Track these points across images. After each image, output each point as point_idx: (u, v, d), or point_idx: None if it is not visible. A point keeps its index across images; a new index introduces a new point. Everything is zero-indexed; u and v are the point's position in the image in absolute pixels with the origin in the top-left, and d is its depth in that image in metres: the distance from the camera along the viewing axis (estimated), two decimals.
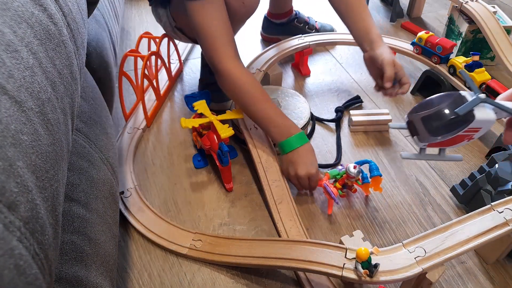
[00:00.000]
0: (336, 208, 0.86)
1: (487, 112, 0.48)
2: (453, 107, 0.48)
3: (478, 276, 0.75)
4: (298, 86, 1.21)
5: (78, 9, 0.53)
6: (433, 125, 0.49)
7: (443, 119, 0.48)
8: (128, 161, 0.93)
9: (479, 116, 0.47)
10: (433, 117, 0.49)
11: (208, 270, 0.76)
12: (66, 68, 0.43)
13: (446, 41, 1.07)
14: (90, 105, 0.63)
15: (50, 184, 0.35)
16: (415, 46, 1.14)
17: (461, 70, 0.61)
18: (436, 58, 1.09)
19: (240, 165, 0.96)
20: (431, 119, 0.49)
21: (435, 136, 0.50)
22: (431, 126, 0.49)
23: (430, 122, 0.50)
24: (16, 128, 0.31)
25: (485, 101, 0.47)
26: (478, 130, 0.49)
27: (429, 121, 0.50)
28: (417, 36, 1.12)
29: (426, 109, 0.50)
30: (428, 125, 0.50)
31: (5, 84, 0.31)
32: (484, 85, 0.97)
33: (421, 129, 0.51)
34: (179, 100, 1.15)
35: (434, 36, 1.10)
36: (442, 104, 0.49)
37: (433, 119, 0.49)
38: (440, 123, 0.48)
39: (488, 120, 0.48)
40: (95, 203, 0.56)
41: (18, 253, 0.28)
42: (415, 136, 0.52)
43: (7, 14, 0.36)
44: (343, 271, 0.63)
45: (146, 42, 1.19)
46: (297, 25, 1.31)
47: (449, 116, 0.48)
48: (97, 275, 0.51)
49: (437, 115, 0.49)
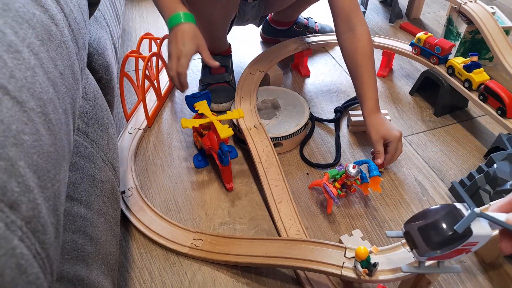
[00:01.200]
0: (335, 207, 0.87)
1: (483, 226, 0.48)
2: (449, 221, 0.49)
3: (476, 275, 0.75)
4: (298, 87, 1.21)
5: (80, 10, 0.53)
6: (432, 239, 0.50)
7: (442, 235, 0.49)
8: (129, 161, 0.94)
9: (476, 232, 0.47)
10: (430, 231, 0.51)
11: (208, 269, 0.76)
12: (67, 68, 0.44)
13: (445, 42, 1.07)
14: (92, 105, 0.64)
15: (52, 183, 0.35)
16: (413, 47, 1.14)
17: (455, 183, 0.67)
18: (435, 59, 1.09)
19: (240, 165, 0.97)
20: (429, 232, 0.51)
21: (434, 250, 0.50)
22: (429, 240, 0.51)
23: (428, 236, 0.51)
24: (18, 128, 0.31)
25: (481, 216, 0.48)
26: (476, 244, 0.50)
27: (427, 234, 0.51)
28: (416, 37, 1.12)
29: (423, 221, 0.52)
30: (427, 239, 0.51)
31: (6, 84, 0.32)
32: (482, 85, 0.97)
33: (419, 242, 0.52)
34: (179, 101, 1.15)
35: (432, 37, 1.10)
36: (438, 219, 0.50)
37: (431, 233, 0.50)
38: (439, 238, 0.50)
39: (485, 235, 0.49)
40: (97, 202, 0.56)
41: (20, 253, 0.28)
42: (414, 249, 0.53)
43: (8, 15, 0.36)
44: (342, 270, 0.64)
45: (147, 43, 1.19)
46: (297, 30, 1.32)
47: (447, 231, 0.49)
48: (99, 274, 0.52)
49: (435, 229, 0.50)
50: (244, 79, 1.07)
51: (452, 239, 0.49)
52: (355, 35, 0.94)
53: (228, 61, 1.15)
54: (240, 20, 1.13)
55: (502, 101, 0.92)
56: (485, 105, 0.96)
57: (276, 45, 1.19)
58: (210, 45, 1.12)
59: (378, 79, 1.23)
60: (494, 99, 0.94)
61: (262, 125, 0.94)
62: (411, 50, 1.15)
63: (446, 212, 0.50)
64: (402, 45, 1.18)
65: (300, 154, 0.99)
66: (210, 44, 1.11)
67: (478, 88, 0.99)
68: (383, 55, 1.22)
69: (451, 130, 1.05)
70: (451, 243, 0.49)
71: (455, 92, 1.04)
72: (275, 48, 1.18)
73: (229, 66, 1.15)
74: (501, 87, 0.93)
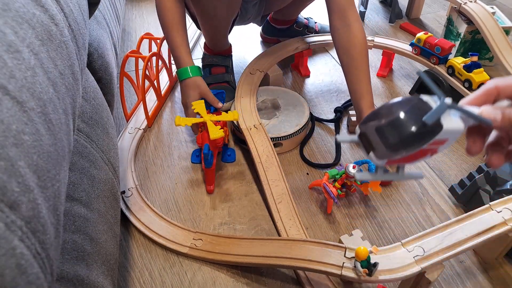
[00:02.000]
0: (335, 207, 0.87)
1: (455, 120, 0.40)
2: (415, 115, 0.39)
3: (476, 275, 0.75)
4: (298, 87, 1.21)
5: (80, 10, 0.53)
6: (392, 139, 0.40)
7: (405, 131, 0.39)
8: (129, 161, 0.94)
9: (447, 126, 0.39)
10: (391, 128, 0.40)
11: (208, 269, 0.76)
12: (67, 68, 0.44)
13: (445, 42, 1.07)
14: (92, 105, 0.64)
15: (52, 183, 0.35)
16: (413, 47, 1.14)
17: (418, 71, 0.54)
18: (435, 59, 1.09)
19: (240, 165, 0.97)
20: (390, 130, 0.40)
21: (395, 152, 0.40)
22: (389, 139, 0.40)
23: (388, 135, 0.40)
24: (18, 128, 0.31)
25: (452, 107, 0.39)
26: (444, 142, 0.41)
27: (387, 133, 0.40)
28: (416, 37, 1.12)
29: (382, 118, 0.41)
30: (386, 139, 0.40)
31: (6, 84, 0.32)
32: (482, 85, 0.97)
33: (377, 143, 0.41)
34: (179, 101, 1.15)
35: (432, 37, 1.10)
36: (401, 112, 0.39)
37: (392, 131, 0.40)
38: (401, 135, 0.39)
39: (457, 130, 0.40)
40: (97, 202, 0.56)
41: (20, 253, 0.28)
42: (371, 152, 0.43)
43: (8, 15, 0.36)
44: (342, 270, 0.64)
45: (147, 43, 1.19)
46: (297, 29, 1.32)
47: (411, 126, 0.39)
48: (99, 274, 0.52)
49: (397, 126, 0.39)
50: (244, 79, 1.07)
51: (418, 135, 0.39)
52: (351, 31, 0.94)
53: (228, 61, 1.15)
54: (241, 19, 1.13)
55: None
56: None
57: (276, 45, 1.19)
58: (212, 44, 1.12)
59: (378, 79, 1.23)
60: None
61: (262, 125, 0.94)
62: (411, 50, 1.15)
63: (410, 106, 0.40)
64: (402, 45, 1.18)
65: (300, 154, 0.99)
66: (212, 43, 1.12)
67: (478, 88, 0.99)
68: (383, 55, 1.22)
69: None
70: (416, 142, 0.39)
71: (455, 92, 1.04)
72: (275, 48, 1.18)
73: (229, 66, 1.15)
74: None
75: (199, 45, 1.39)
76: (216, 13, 0.97)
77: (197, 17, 1.02)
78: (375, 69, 1.26)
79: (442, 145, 0.41)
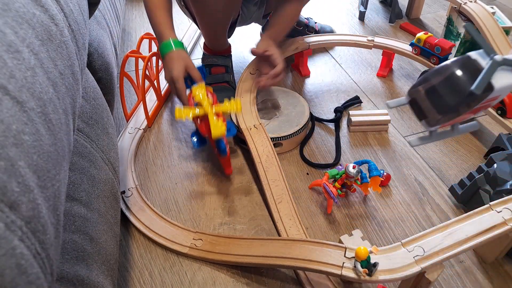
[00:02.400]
0: (335, 207, 0.87)
1: (507, 76, 0.38)
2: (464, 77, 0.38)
3: (476, 275, 0.75)
4: (298, 87, 1.21)
5: (79, 10, 0.53)
6: (443, 104, 0.39)
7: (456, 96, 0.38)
8: (129, 161, 0.94)
9: (498, 85, 0.37)
10: (442, 92, 0.39)
11: (208, 269, 0.76)
12: (67, 68, 0.44)
13: (445, 42, 1.07)
14: (92, 105, 0.64)
15: (52, 183, 0.35)
16: (413, 47, 1.14)
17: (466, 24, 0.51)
18: (435, 59, 1.09)
19: (240, 165, 0.97)
20: (440, 95, 0.39)
21: (446, 117, 0.40)
22: (440, 105, 0.40)
23: (439, 100, 0.40)
24: (18, 128, 0.31)
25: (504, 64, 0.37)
26: (496, 99, 0.40)
27: (438, 98, 0.40)
28: (416, 37, 1.13)
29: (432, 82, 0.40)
30: (438, 104, 0.40)
31: (6, 84, 0.32)
32: None
33: (428, 110, 0.41)
34: (179, 101, 1.15)
35: (433, 37, 1.10)
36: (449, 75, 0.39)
37: (442, 96, 0.39)
38: (453, 100, 0.39)
39: (509, 85, 0.38)
40: (97, 202, 0.56)
41: (20, 253, 0.28)
42: (423, 120, 0.43)
43: (8, 15, 0.36)
44: (342, 270, 0.64)
45: (147, 43, 1.19)
46: (296, 28, 1.32)
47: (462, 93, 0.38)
48: (98, 274, 0.52)
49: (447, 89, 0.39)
50: (244, 79, 1.07)
51: (468, 99, 0.38)
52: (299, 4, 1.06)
53: (228, 61, 1.15)
54: (243, 20, 1.13)
55: (503, 101, 0.92)
56: None
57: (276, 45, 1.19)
58: (211, 44, 1.12)
59: (378, 79, 1.23)
60: None
61: (262, 125, 0.94)
62: (411, 50, 1.15)
63: (459, 67, 0.39)
64: (402, 45, 1.18)
65: (300, 154, 0.99)
66: (210, 42, 1.12)
67: None
68: (383, 55, 1.22)
69: None
70: (468, 104, 0.39)
71: None
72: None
73: (229, 66, 1.15)
74: None
75: (199, 45, 1.39)
76: (214, 9, 0.97)
77: (195, 15, 1.02)
78: (375, 69, 1.26)
79: (495, 100, 0.40)
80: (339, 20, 1.52)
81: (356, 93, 1.17)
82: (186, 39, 1.39)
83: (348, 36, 1.23)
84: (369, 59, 1.31)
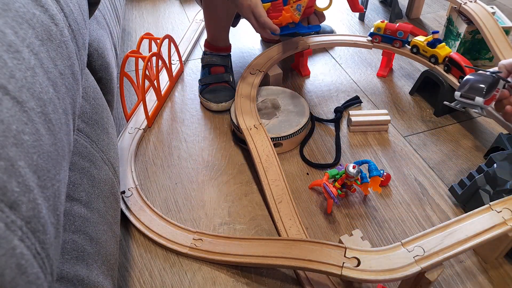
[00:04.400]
0: (335, 207, 0.87)
1: None
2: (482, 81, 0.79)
3: (476, 275, 0.75)
4: (298, 87, 1.21)
5: (80, 10, 0.53)
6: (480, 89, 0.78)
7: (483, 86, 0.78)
8: (129, 161, 0.94)
9: None
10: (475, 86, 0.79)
11: (208, 269, 0.76)
12: (67, 68, 0.44)
13: (405, 25, 1.12)
14: (91, 105, 0.64)
15: (52, 183, 0.35)
16: (373, 37, 1.17)
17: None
18: (398, 43, 1.14)
19: (240, 165, 0.97)
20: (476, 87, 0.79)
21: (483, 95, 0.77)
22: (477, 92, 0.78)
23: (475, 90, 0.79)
24: (18, 128, 0.31)
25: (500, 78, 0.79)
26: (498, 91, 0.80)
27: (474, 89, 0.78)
28: (375, 26, 1.15)
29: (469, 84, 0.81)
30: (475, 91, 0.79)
31: (6, 84, 0.32)
32: (447, 58, 1.05)
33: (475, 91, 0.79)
34: (179, 101, 1.16)
35: (390, 24, 1.14)
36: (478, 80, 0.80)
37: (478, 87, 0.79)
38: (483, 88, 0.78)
39: None
40: (97, 202, 0.57)
41: (20, 253, 0.28)
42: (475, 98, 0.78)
43: (8, 15, 0.36)
44: (342, 270, 0.64)
45: (147, 43, 1.20)
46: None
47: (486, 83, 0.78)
48: (98, 274, 0.52)
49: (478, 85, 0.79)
50: (244, 79, 1.07)
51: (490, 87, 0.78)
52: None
53: (227, 60, 1.16)
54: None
55: (463, 71, 1.00)
56: (448, 75, 1.05)
57: (276, 45, 1.19)
58: (213, 38, 1.13)
59: (378, 79, 1.23)
60: (456, 69, 1.03)
61: (262, 125, 0.94)
62: (370, 41, 1.18)
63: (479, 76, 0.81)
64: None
65: (300, 154, 0.99)
66: (212, 36, 1.13)
67: (443, 61, 1.07)
68: (383, 55, 1.22)
69: (451, 130, 1.05)
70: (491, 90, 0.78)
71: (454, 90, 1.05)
72: (275, 48, 1.18)
73: (228, 66, 1.16)
74: (463, 58, 1.02)
75: (199, 45, 1.39)
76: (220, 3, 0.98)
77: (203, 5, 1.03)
78: (375, 69, 1.26)
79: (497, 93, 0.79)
80: (339, 20, 1.52)
81: (356, 93, 1.17)
82: (186, 39, 1.39)
83: (348, 36, 1.23)
84: (369, 59, 1.31)
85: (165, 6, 1.63)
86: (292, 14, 0.86)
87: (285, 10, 0.86)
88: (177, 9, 1.60)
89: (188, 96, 1.17)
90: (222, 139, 1.04)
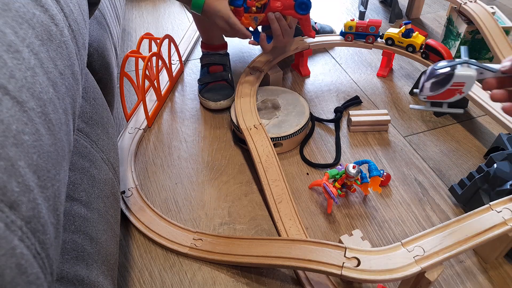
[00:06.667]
0: (335, 207, 0.87)
1: (468, 69, 0.61)
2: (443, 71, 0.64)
3: (476, 275, 0.75)
4: (298, 87, 1.21)
5: (80, 10, 0.53)
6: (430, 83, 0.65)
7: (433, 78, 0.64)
8: (129, 161, 0.94)
9: (458, 73, 0.61)
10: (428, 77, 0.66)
11: (208, 269, 0.76)
12: (67, 68, 0.44)
13: (375, 21, 1.14)
14: (92, 105, 0.64)
15: (52, 183, 0.35)
16: (346, 36, 1.18)
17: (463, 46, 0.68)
18: (372, 38, 1.16)
19: (240, 165, 0.97)
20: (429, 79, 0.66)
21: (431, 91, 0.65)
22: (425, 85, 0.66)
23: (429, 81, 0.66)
24: (18, 128, 0.31)
25: (466, 62, 0.61)
26: (464, 85, 0.62)
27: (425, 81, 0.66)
28: (345, 25, 1.17)
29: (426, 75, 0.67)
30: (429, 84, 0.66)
31: (6, 84, 0.32)
32: (423, 45, 1.09)
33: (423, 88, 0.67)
34: (179, 101, 1.16)
35: (361, 21, 1.16)
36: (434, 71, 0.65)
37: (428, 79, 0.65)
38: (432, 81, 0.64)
39: (467, 75, 0.61)
40: (97, 202, 0.56)
41: (20, 253, 0.28)
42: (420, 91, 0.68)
43: (8, 15, 0.36)
44: (342, 270, 0.64)
45: (147, 43, 1.20)
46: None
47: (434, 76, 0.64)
48: (98, 274, 0.52)
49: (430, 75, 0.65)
50: (244, 79, 1.07)
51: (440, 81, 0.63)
52: None
53: (226, 59, 1.16)
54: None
55: (441, 55, 1.04)
56: (428, 61, 1.09)
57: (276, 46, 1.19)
58: (207, 38, 1.13)
59: (378, 79, 1.23)
60: (434, 55, 1.07)
61: (262, 125, 0.94)
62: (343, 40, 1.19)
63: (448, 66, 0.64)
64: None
65: (300, 154, 0.99)
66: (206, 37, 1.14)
67: (420, 49, 1.11)
68: (383, 55, 1.22)
69: (451, 130, 1.05)
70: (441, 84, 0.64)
71: None
72: (275, 48, 1.18)
73: (226, 65, 1.16)
74: (439, 44, 1.05)
75: (199, 45, 1.39)
76: None
77: None
78: (375, 69, 1.26)
79: (463, 87, 0.63)
80: (339, 20, 1.52)
81: (356, 93, 1.17)
82: (186, 39, 1.39)
83: None
84: (369, 59, 1.31)
85: (165, 6, 1.63)
86: (250, 22, 0.93)
87: (244, 17, 0.92)
88: (177, 9, 1.60)
89: (188, 96, 1.17)
90: (222, 139, 1.04)
